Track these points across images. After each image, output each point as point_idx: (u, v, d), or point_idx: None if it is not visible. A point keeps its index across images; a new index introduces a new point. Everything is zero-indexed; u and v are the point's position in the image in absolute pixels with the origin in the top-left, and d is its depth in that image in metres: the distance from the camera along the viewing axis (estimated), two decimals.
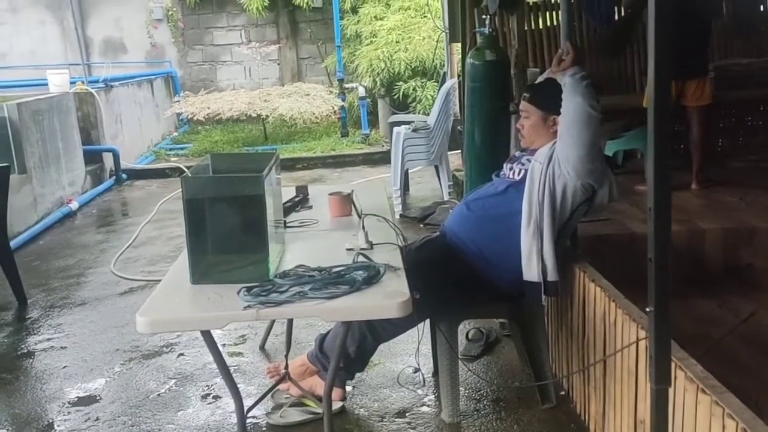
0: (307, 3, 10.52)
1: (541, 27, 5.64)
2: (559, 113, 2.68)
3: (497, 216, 2.79)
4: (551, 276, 2.66)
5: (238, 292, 2.16)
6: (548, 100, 2.76)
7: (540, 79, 3.02)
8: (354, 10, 10.39)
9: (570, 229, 2.86)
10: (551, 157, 2.69)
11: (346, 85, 9.86)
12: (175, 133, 10.93)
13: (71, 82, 8.03)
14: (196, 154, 9.33)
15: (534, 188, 2.67)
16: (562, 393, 2.98)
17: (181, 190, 2.36)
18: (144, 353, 3.68)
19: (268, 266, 2.30)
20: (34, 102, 6.59)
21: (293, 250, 2.64)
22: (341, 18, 10.04)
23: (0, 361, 3.75)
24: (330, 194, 3.14)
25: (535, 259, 2.64)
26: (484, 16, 3.93)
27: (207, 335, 2.20)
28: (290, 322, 3.18)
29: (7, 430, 3.04)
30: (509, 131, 3.72)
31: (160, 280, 4.40)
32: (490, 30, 3.80)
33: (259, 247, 2.30)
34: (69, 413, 3.11)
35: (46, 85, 7.76)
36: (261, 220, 2.28)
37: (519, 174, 2.81)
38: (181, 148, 9.82)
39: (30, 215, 6.17)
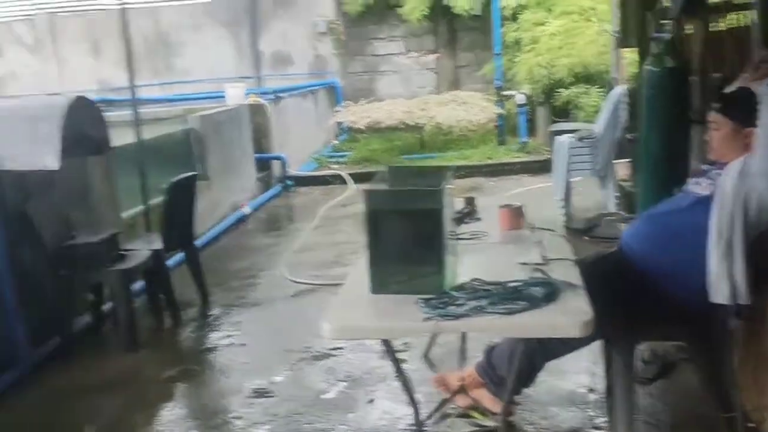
0: (467, 11, 10.56)
1: (722, 29, 5.27)
2: (753, 125, 2.49)
3: (682, 233, 2.64)
4: (742, 298, 2.48)
5: (416, 304, 2.21)
6: (742, 111, 2.58)
7: (732, 87, 2.83)
8: (514, 17, 10.28)
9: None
10: (744, 171, 2.51)
11: (504, 93, 9.77)
12: (336, 141, 11.36)
13: (245, 95, 8.59)
14: (356, 161, 9.65)
15: (724, 205, 2.50)
16: (751, 425, 2.77)
17: (363, 201, 2.41)
18: (314, 354, 3.85)
19: (443, 279, 2.34)
20: (216, 114, 7.13)
21: (465, 263, 2.66)
22: (501, 25, 9.97)
23: (188, 354, 4.10)
24: (500, 207, 3.12)
25: (725, 280, 2.47)
26: (662, 21, 3.75)
27: (387, 344, 2.27)
28: (464, 334, 3.20)
29: (198, 419, 3.31)
30: (689, 142, 3.52)
31: (326, 284, 4.62)
32: (669, 35, 3.62)
33: (435, 259, 2.34)
34: (250, 406, 3.33)
35: (224, 97, 8.37)
36: (438, 233, 2.32)
37: (707, 189, 2.64)
38: (341, 156, 10.19)
39: (210, 219, 6.67)
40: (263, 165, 8.56)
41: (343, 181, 8.67)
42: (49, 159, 3.82)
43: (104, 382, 3.74)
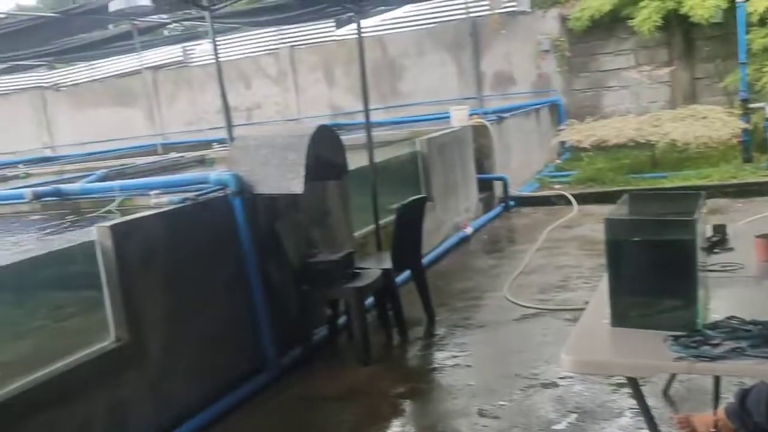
0: (706, 19, 9.78)
1: None
2: None
3: None
4: None
5: (665, 341, 2.07)
6: None
7: None
8: (762, 23, 9.32)
9: None
10: None
11: (751, 106, 8.86)
12: (558, 161, 11.09)
13: (468, 116, 8.72)
14: (580, 181, 9.32)
15: None
16: None
17: (603, 230, 2.31)
18: (542, 381, 3.76)
19: (696, 315, 2.16)
20: (440, 137, 7.33)
21: (718, 297, 2.44)
22: (747, 32, 9.08)
23: (416, 372, 4.22)
24: (757, 236, 2.83)
25: None
26: None
27: (633, 383, 2.14)
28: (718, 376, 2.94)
29: None
30: None
31: (553, 309, 4.49)
32: None
33: (685, 293, 2.17)
34: (478, 429, 3.33)
35: (445, 118, 8.57)
36: (690, 265, 2.15)
37: None
38: (565, 176, 9.91)
39: (434, 239, 6.83)
40: (485, 185, 8.60)
41: (566, 202, 8.43)
42: (295, 184, 4.17)
43: (340, 393, 3.97)
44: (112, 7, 7.19)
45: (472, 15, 12.04)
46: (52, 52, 12.98)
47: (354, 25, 12.68)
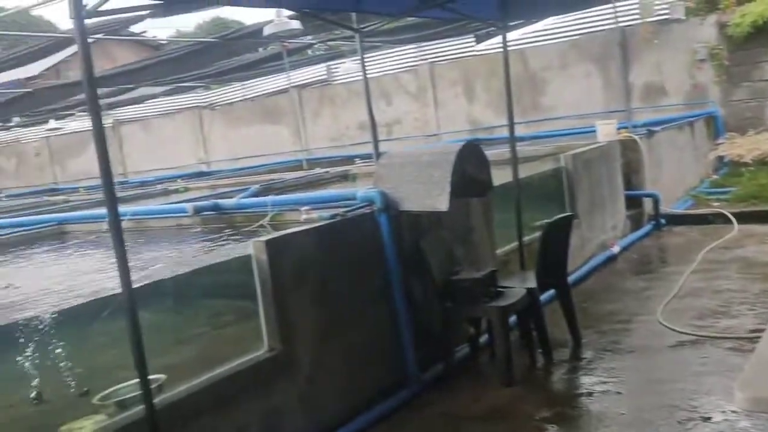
0: None
1: None
2: None
3: None
4: None
5: None
6: None
7: None
8: None
9: None
10: None
11: None
12: (715, 176, 10.38)
13: (615, 130, 8.37)
14: (740, 198, 8.66)
15: None
16: None
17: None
18: (702, 415, 3.51)
19: None
20: (586, 152, 7.09)
21: None
22: None
23: (562, 396, 4.08)
24: None
25: None
26: None
27: None
28: None
29: None
30: None
31: (714, 337, 4.20)
32: None
33: None
34: None
35: (589, 132, 8.26)
36: None
37: None
38: (723, 192, 9.25)
39: (577, 258, 6.60)
40: (633, 202, 8.20)
41: (725, 221, 7.85)
42: (441, 201, 4.18)
43: (483, 413, 3.92)
44: (267, 30, 7.60)
45: (621, 24, 11.57)
46: (210, 74, 13.96)
47: (494, 40, 12.67)
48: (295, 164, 13.48)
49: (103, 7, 3.08)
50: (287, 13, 7.80)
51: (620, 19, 11.57)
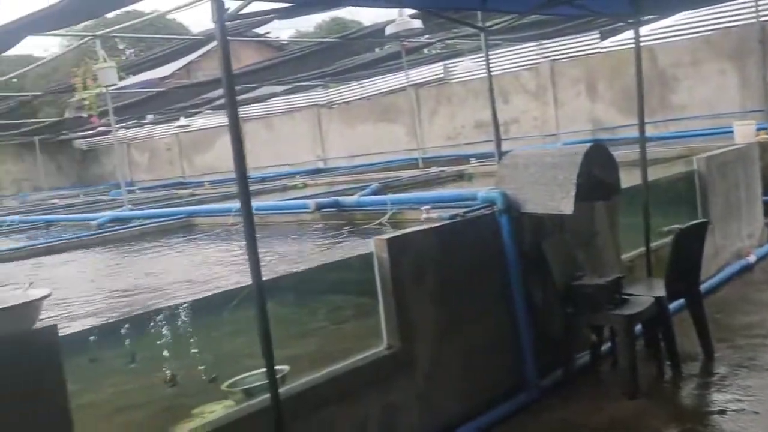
0: None
1: None
2: None
3: None
4: None
5: None
6: None
7: None
8: None
9: None
10: None
11: None
12: None
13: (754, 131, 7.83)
14: None
15: None
16: None
17: None
18: None
19: None
20: (721, 154, 6.67)
21: None
22: None
23: (691, 412, 3.86)
24: None
25: None
26: None
27: None
28: None
29: None
30: None
31: None
32: None
33: None
34: None
35: (724, 133, 7.75)
36: None
37: None
38: None
39: (710, 266, 6.21)
40: None
41: None
42: (565, 204, 4.05)
43: (603, 424, 3.77)
44: (389, 30, 7.67)
45: (761, 20, 10.79)
46: (329, 73, 14.29)
47: (619, 36, 12.15)
48: (410, 163, 13.54)
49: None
50: (409, 12, 7.84)
51: (761, 14, 10.80)
